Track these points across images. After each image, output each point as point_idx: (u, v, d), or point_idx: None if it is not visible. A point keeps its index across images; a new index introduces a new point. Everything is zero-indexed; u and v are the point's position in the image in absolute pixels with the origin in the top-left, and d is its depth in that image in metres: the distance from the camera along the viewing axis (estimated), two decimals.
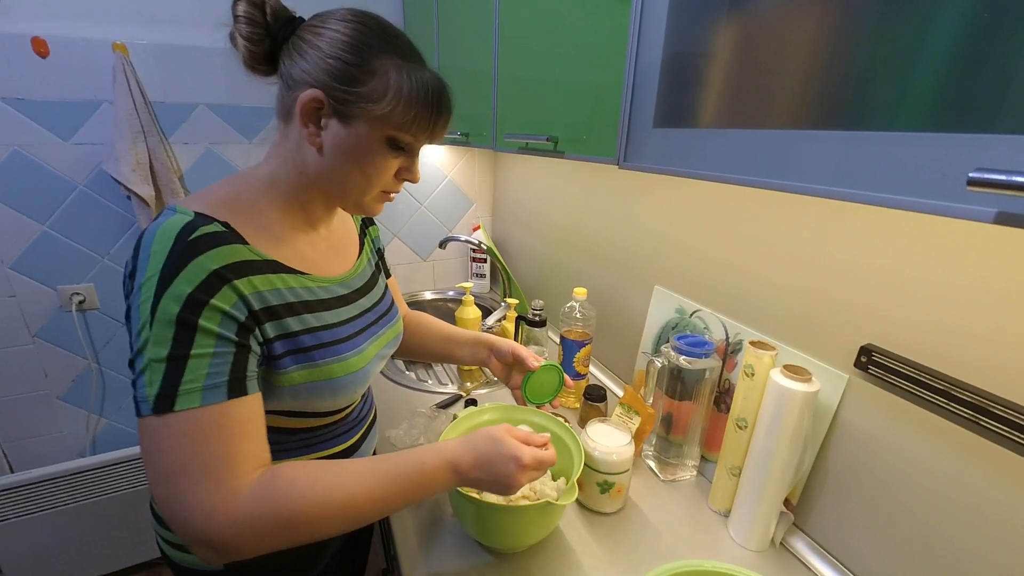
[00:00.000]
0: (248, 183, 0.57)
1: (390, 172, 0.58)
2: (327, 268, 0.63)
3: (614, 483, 0.74)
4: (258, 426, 0.50)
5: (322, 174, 0.56)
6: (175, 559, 0.64)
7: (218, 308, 0.47)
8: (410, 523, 0.75)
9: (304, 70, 0.52)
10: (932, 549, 0.56)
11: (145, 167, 1.29)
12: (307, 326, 0.56)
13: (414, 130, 0.55)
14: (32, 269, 1.34)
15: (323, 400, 0.59)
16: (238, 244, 0.50)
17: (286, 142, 0.57)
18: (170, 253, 0.46)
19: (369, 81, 0.52)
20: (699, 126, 0.48)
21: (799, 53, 0.38)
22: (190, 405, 0.45)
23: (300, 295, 0.56)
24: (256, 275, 0.51)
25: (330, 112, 0.53)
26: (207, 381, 0.46)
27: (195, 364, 0.45)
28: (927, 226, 0.54)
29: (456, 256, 1.88)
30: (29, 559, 1.39)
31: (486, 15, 0.94)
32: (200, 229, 0.48)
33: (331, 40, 0.52)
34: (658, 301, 0.98)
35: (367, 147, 0.54)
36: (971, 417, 0.51)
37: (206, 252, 0.47)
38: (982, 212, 0.27)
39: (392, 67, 0.52)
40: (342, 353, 0.59)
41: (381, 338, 0.68)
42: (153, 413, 0.44)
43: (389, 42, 0.53)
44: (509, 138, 0.86)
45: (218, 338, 0.47)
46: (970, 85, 0.28)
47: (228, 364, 0.47)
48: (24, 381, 1.41)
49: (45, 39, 1.21)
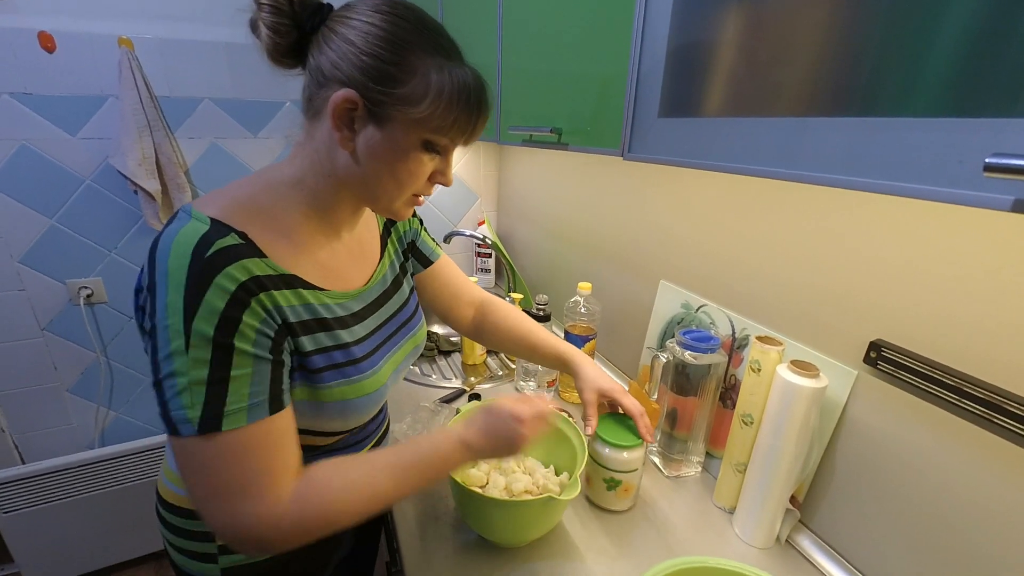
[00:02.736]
0: (270, 185, 0.54)
1: (424, 175, 0.55)
2: (346, 279, 0.60)
3: (621, 481, 0.73)
4: (294, 436, 0.51)
5: (353, 178, 0.53)
6: (181, 564, 0.64)
7: (250, 326, 0.46)
8: (413, 518, 0.75)
9: (336, 66, 0.48)
10: (941, 547, 0.55)
11: (151, 161, 1.30)
12: (320, 346, 0.54)
13: (452, 133, 0.52)
14: (41, 263, 1.35)
15: (332, 421, 0.58)
16: (255, 258, 0.48)
17: (313, 142, 0.53)
18: (189, 274, 0.44)
19: (409, 81, 0.48)
20: (705, 115, 0.47)
21: (809, 37, 0.37)
22: (236, 425, 0.46)
23: (316, 312, 0.54)
24: (274, 291, 0.49)
25: (364, 114, 0.49)
26: (251, 400, 0.46)
27: (237, 385, 0.46)
28: (939, 217, 0.53)
29: (461, 251, 1.88)
30: (40, 549, 1.41)
31: (489, 6, 0.93)
32: (216, 244, 0.46)
33: (366, 34, 0.48)
34: (663, 296, 0.97)
35: (402, 151, 0.51)
36: (983, 414, 0.49)
37: (224, 270, 0.45)
38: (999, 200, 0.26)
39: (433, 66, 0.49)
40: (353, 376, 0.57)
41: (399, 352, 0.66)
42: (198, 434, 0.45)
43: (429, 38, 0.49)
44: (513, 131, 0.86)
45: (255, 358, 0.47)
46: (988, 67, 0.27)
47: (267, 381, 0.48)
48: (34, 374, 1.43)
49: (52, 34, 1.21)
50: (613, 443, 0.72)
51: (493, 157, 1.79)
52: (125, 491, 1.47)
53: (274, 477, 0.48)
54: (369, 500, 0.51)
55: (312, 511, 0.49)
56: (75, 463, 1.39)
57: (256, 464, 0.47)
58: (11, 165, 1.26)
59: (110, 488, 1.45)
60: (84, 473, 1.41)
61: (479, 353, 1.26)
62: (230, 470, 0.46)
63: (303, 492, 0.49)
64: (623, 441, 0.72)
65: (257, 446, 0.47)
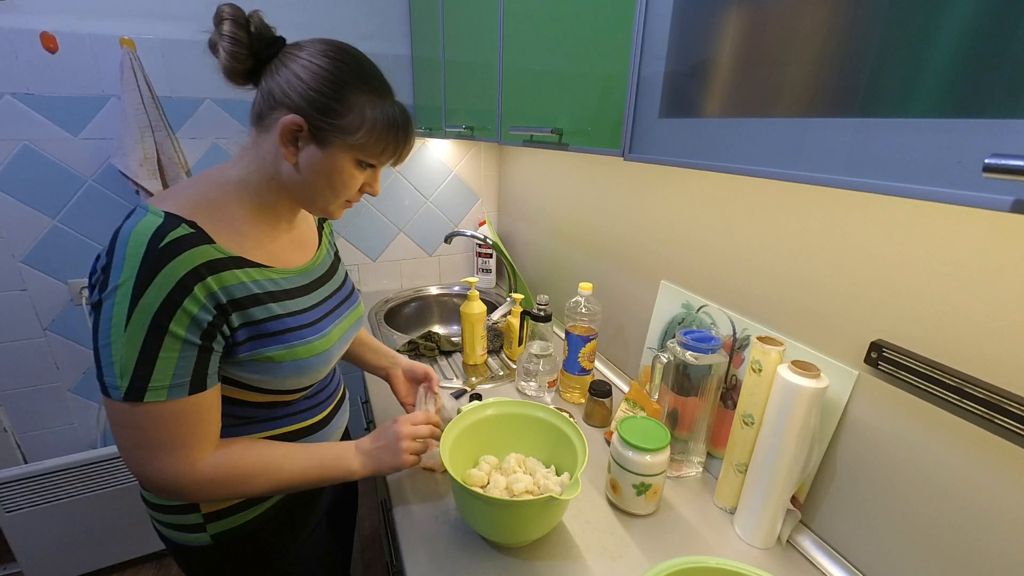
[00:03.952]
0: (218, 183, 0.61)
1: (356, 187, 0.64)
2: (289, 260, 0.67)
3: (650, 485, 0.73)
4: (214, 413, 0.59)
5: (294, 184, 0.62)
6: (171, 538, 0.68)
7: (188, 312, 0.53)
8: (414, 518, 0.75)
9: (286, 93, 0.57)
10: (942, 547, 0.55)
11: (153, 161, 1.30)
12: (272, 314, 0.61)
13: (382, 157, 0.63)
14: (43, 263, 1.36)
15: (288, 379, 0.64)
16: (205, 245, 0.55)
17: (259, 150, 0.61)
18: (143, 260, 0.51)
19: (347, 115, 0.58)
20: (706, 116, 0.47)
21: (810, 37, 0.37)
22: (157, 399, 0.53)
23: (264, 286, 0.61)
24: (223, 271, 0.56)
25: (308, 137, 0.58)
26: (173, 380, 0.54)
27: (163, 365, 0.53)
28: (940, 217, 0.53)
29: (462, 251, 1.88)
30: (42, 548, 1.42)
31: (490, 6, 0.93)
32: (169, 235, 0.52)
33: (315, 73, 0.57)
34: (664, 296, 0.97)
35: (338, 168, 0.61)
36: (985, 414, 0.49)
37: (176, 258, 0.52)
38: (999, 200, 0.26)
39: (367, 103, 0.59)
40: (307, 337, 0.64)
41: (345, 320, 0.75)
42: (124, 400, 0.53)
43: (365, 79, 0.59)
44: (514, 131, 0.86)
45: (184, 342, 0.53)
46: (988, 68, 0.27)
47: (191, 365, 0.55)
48: (36, 373, 1.44)
49: (54, 34, 1.22)
50: (637, 446, 0.72)
51: (494, 158, 1.79)
52: (127, 491, 1.47)
53: (190, 444, 0.57)
54: (271, 480, 0.63)
55: (222, 477, 0.59)
56: (77, 462, 1.39)
57: (172, 431, 0.55)
58: (13, 165, 1.26)
59: (112, 487, 1.45)
60: (86, 472, 1.41)
61: (480, 353, 1.26)
62: (147, 432, 0.55)
63: (218, 460, 0.59)
64: (647, 444, 0.72)
65: (173, 419, 0.55)
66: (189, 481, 0.57)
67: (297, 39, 0.61)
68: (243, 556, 0.70)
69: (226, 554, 0.69)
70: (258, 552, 0.71)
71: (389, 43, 1.55)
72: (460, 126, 1.16)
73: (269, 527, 0.71)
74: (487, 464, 0.75)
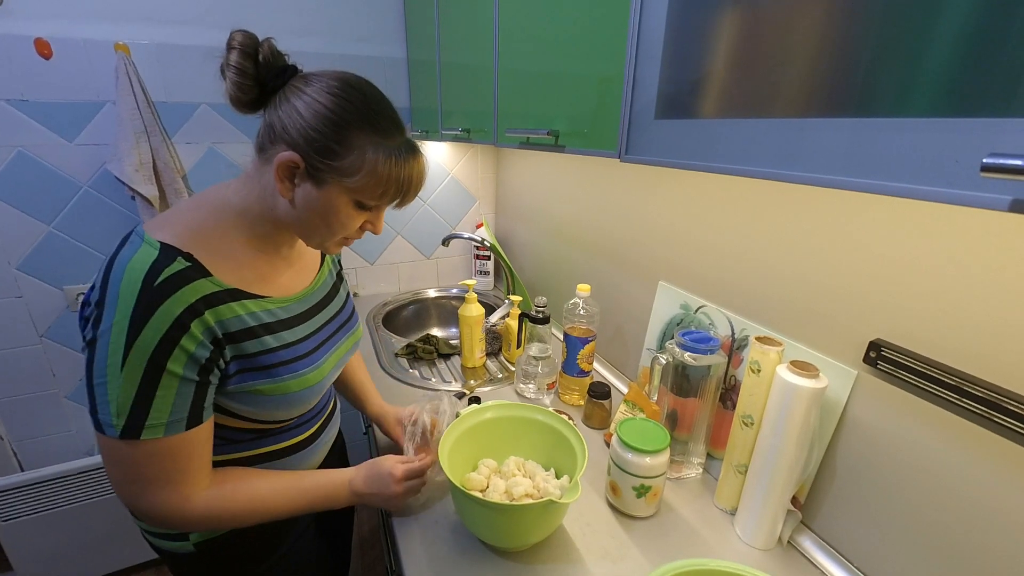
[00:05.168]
0: (218, 209, 0.60)
1: (355, 226, 0.62)
2: (287, 286, 0.67)
3: (650, 487, 0.73)
4: (208, 446, 0.59)
5: (290, 220, 0.60)
6: (156, 544, 0.68)
7: (185, 350, 0.52)
8: (414, 522, 0.74)
9: (285, 129, 0.55)
10: (943, 547, 0.55)
11: (148, 167, 1.30)
12: (266, 347, 0.60)
13: (383, 201, 0.60)
14: (39, 270, 1.35)
15: (278, 411, 0.64)
16: (200, 279, 0.54)
17: (260, 179, 0.59)
18: (138, 300, 0.50)
19: (346, 156, 0.55)
20: (702, 117, 0.47)
21: (806, 37, 0.37)
22: (154, 436, 0.53)
23: (260, 318, 0.60)
24: (220, 305, 0.55)
25: (304, 175, 0.56)
26: (170, 417, 0.53)
27: (160, 404, 0.52)
28: (939, 217, 0.53)
29: (460, 254, 1.87)
30: (39, 556, 1.40)
31: (486, 8, 0.93)
32: (165, 272, 0.51)
33: (316, 112, 0.54)
34: (662, 297, 0.97)
35: (335, 208, 0.58)
36: (984, 413, 0.49)
37: (172, 295, 0.51)
38: (996, 200, 0.26)
39: (369, 144, 0.56)
40: (299, 370, 0.63)
41: (341, 347, 0.74)
42: (119, 438, 0.52)
43: (370, 119, 0.56)
44: (510, 133, 0.86)
45: (182, 380, 0.53)
46: (984, 67, 0.27)
47: (188, 402, 0.54)
48: (33, 380, 1.43)
49: (48, 40, 1.21)
50: (637, 448, 0.72)
51: (491, 160, 1.79)
52: None
53: (184, 479, 0.56)
54: (265, 513, 0.63)
55: (214, 516, 0.59)
56: (74, 470, 1.38)
57: (168, 466, 0.55)
58: (8, 172, 1.26)
59: (109, 495, 1.44)
60: (83, 480, 1.40)
61: (478, 356, 1.25)
62: (141, 468, 0.54)
63: (210, 498, 0.59)
64: (647, 446, 0.72)
65: (170, 455, 0.55)
66: (180, 517, 0.57)
67: (293, 43, 0.60)
68: (225, 564, 0.70)
69: (209, 562, 0.68)
70: (240, 560, 0.70)
71: (385, 46, 1.55)
72: (456, 128, 1.16)
73: (249, 535, 0.69)
74: (486, 467, 0.75)
